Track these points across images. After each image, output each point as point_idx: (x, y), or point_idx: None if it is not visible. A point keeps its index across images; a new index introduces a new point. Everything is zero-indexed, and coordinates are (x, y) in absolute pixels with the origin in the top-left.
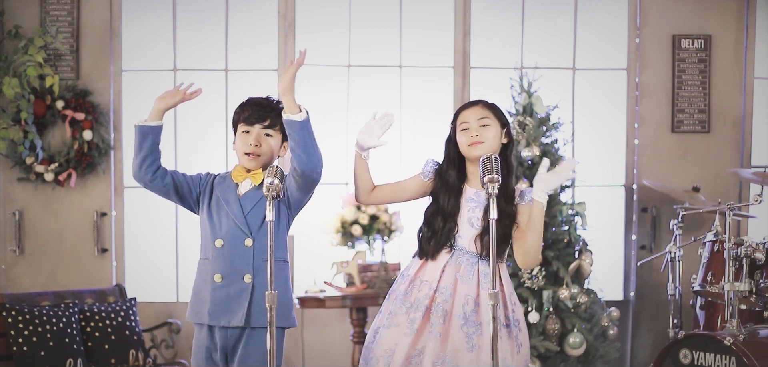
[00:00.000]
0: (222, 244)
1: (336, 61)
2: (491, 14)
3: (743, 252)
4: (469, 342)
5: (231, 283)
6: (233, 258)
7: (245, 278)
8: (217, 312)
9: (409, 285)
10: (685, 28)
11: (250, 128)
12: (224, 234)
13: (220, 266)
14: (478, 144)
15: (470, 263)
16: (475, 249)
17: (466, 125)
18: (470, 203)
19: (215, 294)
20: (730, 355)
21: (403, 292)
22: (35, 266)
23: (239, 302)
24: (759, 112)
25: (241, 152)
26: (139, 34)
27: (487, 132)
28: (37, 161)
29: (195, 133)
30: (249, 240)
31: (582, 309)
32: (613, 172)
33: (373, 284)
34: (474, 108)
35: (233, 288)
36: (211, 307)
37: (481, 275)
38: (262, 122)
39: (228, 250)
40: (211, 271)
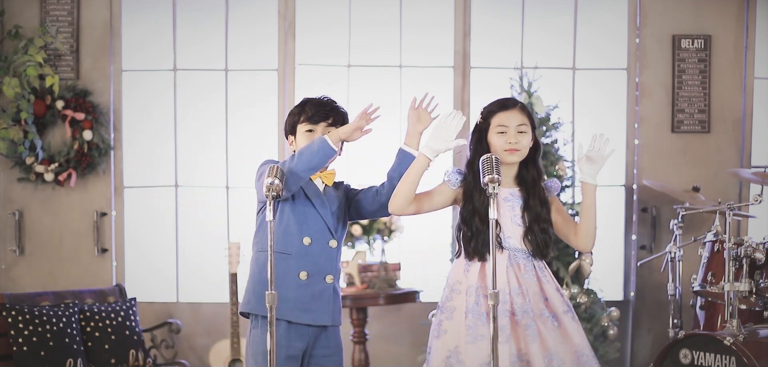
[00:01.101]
0: (310, 242)
1: (336, 61)
2: (491, 14)
3: (743, 252)
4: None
5: (315, 282)
6: (319, 257)
7: (327, 278)
8: (303, 308)
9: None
10: (685, 28)
11: (315, 127)
12: (312, 232)
13: (305, 264)
14: (515, 151)
15: (527, 261)
16: (526, 247)
17: (504, 129)
18: (507, 203)
19: (300, 291)
20: (730, 355)
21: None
22: (35, 266)
23: (323, 300)
24: (759, 112)
25: None
26: (139, 34)
27: (523, 140)
28: (37, 161)
29: (195, 133)
30: (334, 241)
31: (582, 309)
32: (613, 172)
33: (373, 284)
34: (513, 112)
35: (317, 287)
36: (295, 303)
37: (538, 271)
38: (327, 120)
39: (315, 249)
40: (295, 268)
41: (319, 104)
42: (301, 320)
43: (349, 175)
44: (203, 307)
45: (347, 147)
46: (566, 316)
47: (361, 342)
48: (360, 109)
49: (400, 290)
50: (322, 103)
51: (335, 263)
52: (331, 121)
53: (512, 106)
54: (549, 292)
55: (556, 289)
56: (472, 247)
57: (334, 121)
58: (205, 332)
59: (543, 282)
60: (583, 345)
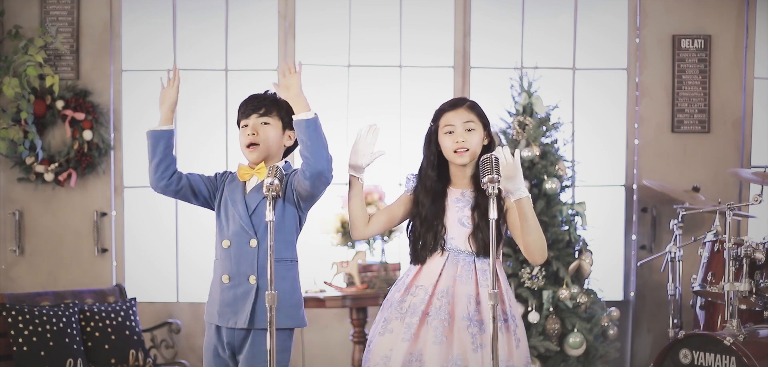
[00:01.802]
0: (229, 245)
1: (336, 61)
2: (491, 14)
3: (743, 252)
4: (474, 342)
5: (237, 284)
6: (239, 259)
7: (250, 278)
8: (224, 313)
9: (405, 292)
10: (685, 28)
11: (247, 120)
12: (231, 235)
13: (227, 267)
14: (464, 151)
15: (467, 263)
16: (470, 248)
17: (451, 128)
18: (458, 204)
19: (223, 295)
20: (730, 355)
21: (398, 300)
22: (35, 266)
23: (244, 303)
24: (759, 112)
25: (243, 147)
26: (139, 34)
27: (472, 137)
28: (37, 161)
29: (195, 133)
30: (254, 241)
31: (582, 309)
32: (613, 172)
33: (373, 284)
34: (459, 110)
35: (239, 289)
36: (219, 307)
37: (479, 274)
38: (258, 111)
39: (234, 250)
40: (219, 271)
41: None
42: (225, 323)
43: None
44: (203, 307)
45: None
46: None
47: (361, 342)
48: (359, 108)
49: None
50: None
51: (259, 261)
52: (262, 111)
53: (460, 105)
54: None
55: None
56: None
57: (266, 110)
58: (205, 332)
59: (481, 286)
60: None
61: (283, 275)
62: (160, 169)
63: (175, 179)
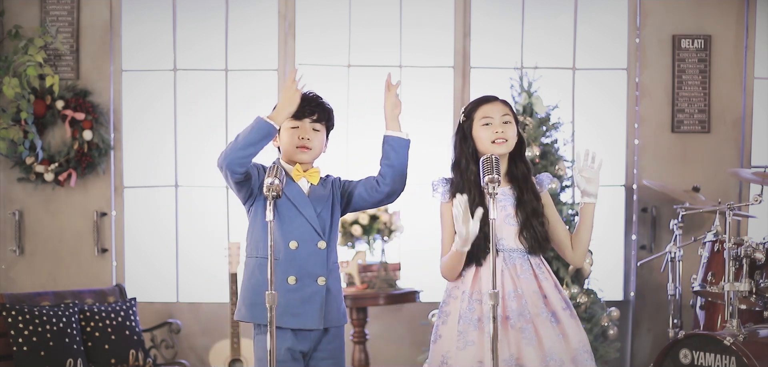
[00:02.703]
0: (297, 246)
1: (336, 61)
2: (491, 14)
3: (743, 252)
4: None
5: (305, 285)
6: (308, 260)
7: (319, 280)
8: (290, 314)
9: (470, 302)
10: (685, 28)
11: (300, 123)
12: (298, 236)
13: (293, 268)
14: (503, 141)
15: (523, 260)
16: (521, 246)
17: (489, 120)
18: (499, 203)
19: (288, 296)
20: (730, 355)
21: (466, 309)
22: (35, 266)
23: (315, 303)
24: (759, 112)
25: (291, 146)
26: (139, 34)
27: (509, 130)
28: (37, 161)
29: (195, 134)
30: (322, 243)
31: (582, 309)
32: (613, 172)
33: (373, 284)
34: (496, 104)
35: (308, 290)
36: (287, 309)
37: (536, 269)
38: (311, 116)
39: (302, 252)
40: (283, 273)
41: (305, 99)
42: (291, 324)
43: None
44: (203, 307)
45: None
46: (565, 313)
47: (361, 342)
48: (360, 109)
49: (400, 290)
50: (308, 98)
51: (326, 263)
52: (316, 117)
53: (494, 99)
54: (547, 289)
55: (554, 286)
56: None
57: (319, 117)
58: (205, 332)
59: (541, 280)
60: (580, 344)
61: (337, 276)
62: (249, 159)
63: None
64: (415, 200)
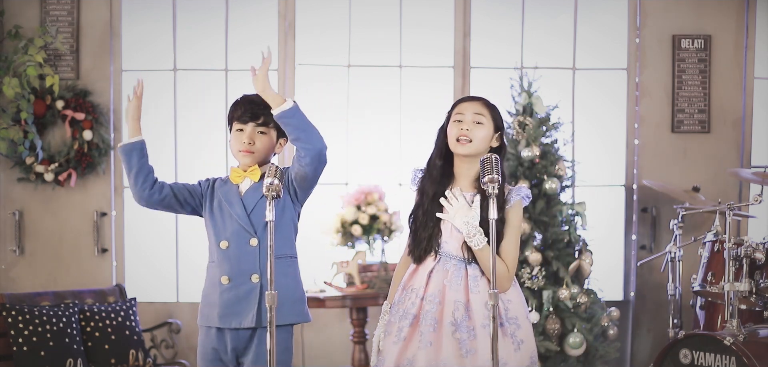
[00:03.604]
0: (227, 245)
1: (336, 61)
2: (491, 14)
3: (743, 252)
4: (463, 348)
5: (239, 284)
6: (239, 259)
7: (252, 277)
8: (227, 314)
9: (402, 293)
10: (685, 28)
11: (244, 126)
12: (229, 235)
13: (226, 268)
14: (466, 142)
15: (458, 268)
16: (462, 254)
17: (460, 117)
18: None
19: (223, 296)
20: (730, 355)
21: (397, 300)
22: (35, 266)
23: (248, 302)
24: (759, 112)
25: (235, 150)
26: (139, 34)
27: (478, 130)
28: (37, 161)
29: (195, 134)
30: (254, 240)
31: (582, 309)
32: (613, 172)
33: (373, 284)
34: (473, 102)
35: (241, 289)
36: (220, 310)
37: (470, 280)
38: (256, 120)
39: (233, 251)
40: (217, 273)
41: (249, 102)
42: (228, 324)
43: (351, 176)
44: None
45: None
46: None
47: (361, 342)
48: (360, 109)
49: None
50: (253, 101)
51: (260, 260)
52: (261, 120)
53: (476, 99)
54: (474, 303)
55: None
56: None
57: (265, 121)
58: None
59: (472, 292)
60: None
61: (285, 272)
62: (139, 181)
63: (158, 188)
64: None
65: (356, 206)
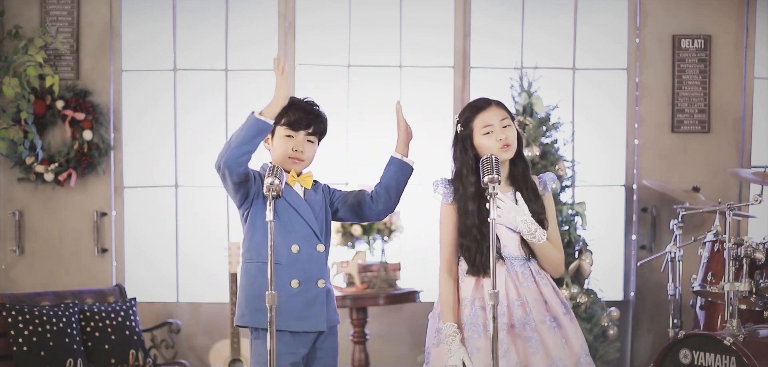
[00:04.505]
0: (298, 249)
1: (336, 61)
2: (491, 14)
3: (743, 252)
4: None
5: (307, 289)
6: (309, 264)
7: (319, 282)
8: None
9: (472, 309)
10: (685, 28)
11: (295, 134)
12: (299, 239)
13: (296, 272)
14: (508, 147)
15: (523, 267)
16: (523, 253)
17: (490, 128)
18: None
19: (292, 300)
20: (730, 355)
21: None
22: (35, 266)
23: (317, 306)
24: (759, 112)
25: (284, 155)
26: (139, 34)
27: (510, 133)
28: (37, 161)
29: (195, 134)
30: (321, 246)
31: (582, 309)
32: (613, 173)
33: (373, 284)
34: (492, 109)
35: (310, 293)
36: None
37: (535, 275)
38: (307, 129)
39: (304, 255)
40: (287, 276)
41: (303, 110)
42: (298, 328)
43: (351, 176)
44: (203, 307)
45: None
46: (566, 318)
47: (361, 342)
48: (360, 109)
49: (400, 290)
50: (306, 110)
51: (324, 266)
52: (312, 130)
53: (491, 104)
54: (548, 295)
55: (553, 290)
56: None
57: (315, 130)
58: (205, 332)
59: (541, 286)
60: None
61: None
62: (247, 157)
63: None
64: (415, 200)
65: None
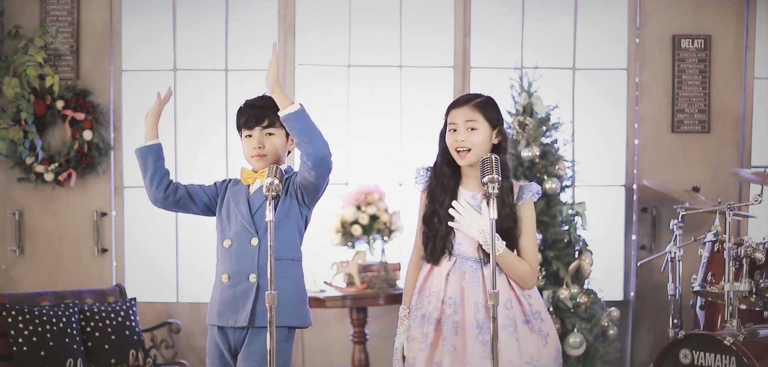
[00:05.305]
0: (229, 244)
1: (336, 61)
2: (491, 14)
3: (743, 252)
4: (486, 350)
5: (237, 283)
6: (239, 258)
7: (250, 277)
8: (224, 312)
9: (419, 297)
10: (685, 28)
11: (251, 132)
12: (232, 235)
13: (227, 267)
14: (465, 152)
15: (474, 270)
16: (478, 255)
17: (454, 126)
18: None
19: (223, 294)
20: (730, 355)
21: (414, 304)
22: (35, 266)
23: (244, 301)
24: (759, 112)
25: (248, 156)
26: (139, 34)
27: (473, 137)
28: (37, 161)
29: (195, 134)
30: (254, 239)
31: (582, 309)
32: (613, 173)
33: (373, 284)
34: (462, 108)
35: (239, 288)
36: (219, 307)
37: (487, 280)
38: (261, 124)
39: (235, 250)
40: (220, 271)
41: (253, 107)
42: (225, 322)
43: (351, 176)
44: (203, 307)
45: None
46: (506, 330)
47: (361, 342)
48: (360, 109)
49: (400, 290)
50: (256, 105)
51: (259, 260)
52: (266, 123)
53: (463, 102)
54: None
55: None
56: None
57: (270, 122)
58: (205, 332)
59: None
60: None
61: (285, 274)
62: (155, 183)
63: (172, 190)
64: (415, 200)
65: (356, 206)
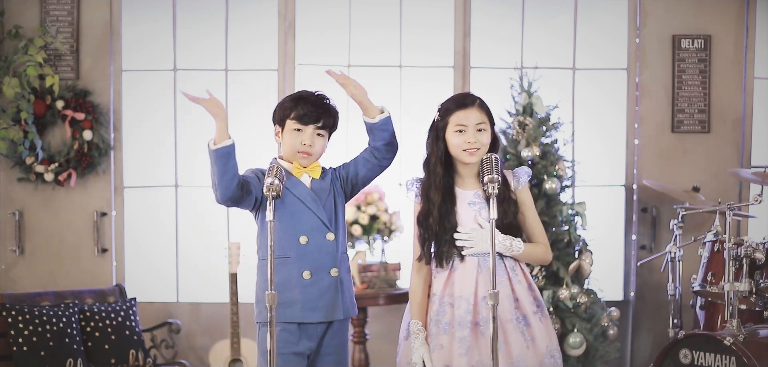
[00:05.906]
0: (307, 240)
1: (336, 61)
2: (491, 14)
3: (743, 252)
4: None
5: (320, 278)
6: (319, 253)
7: (332, 271)
8: (315, 308)
9: (440, 304)
10: (685, 28)
11: (304, 128)
12: (307, 230)
13: (307, 263)
14: (475, 151)
15: (497, 264)
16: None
17: (463, 128)
18: (474, 206)
19: (306, 291)
20: (730, 355)
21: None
22: (35, 266)
23: (332, 295)
24: (759, 112)
25: (292, 150)
26: (139, 34)
27: (483, 137)
28: (37, 161)
29: (195, 134)
30: (330, 234)
31: (582, 309)
32: (613, 173)
33: (373, 284)
34: (472, 110)
35: (323, 283)
36: (303, 304)
37: (509, 271)
38: (317, 123)
39: (313, 246)
40: (297, 268)
41: (313, 104)
42: (312, 318)
43: None
44: (203, 307)
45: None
46: (535, 317)
47: (361, 342)
48: (360, 110)
49: (400, 290)
50: (316, 103)
51: (337, 255)
52: (321, 124)
53: (471, 103)
54: (520, 292)
55: (527, 287)
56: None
57: (324, 124)
58: (205, 332)
59: (514, 283)
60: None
61: (347, 268)
62: (235, 182)
63: (240, 186)
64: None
65: (356, 206)
